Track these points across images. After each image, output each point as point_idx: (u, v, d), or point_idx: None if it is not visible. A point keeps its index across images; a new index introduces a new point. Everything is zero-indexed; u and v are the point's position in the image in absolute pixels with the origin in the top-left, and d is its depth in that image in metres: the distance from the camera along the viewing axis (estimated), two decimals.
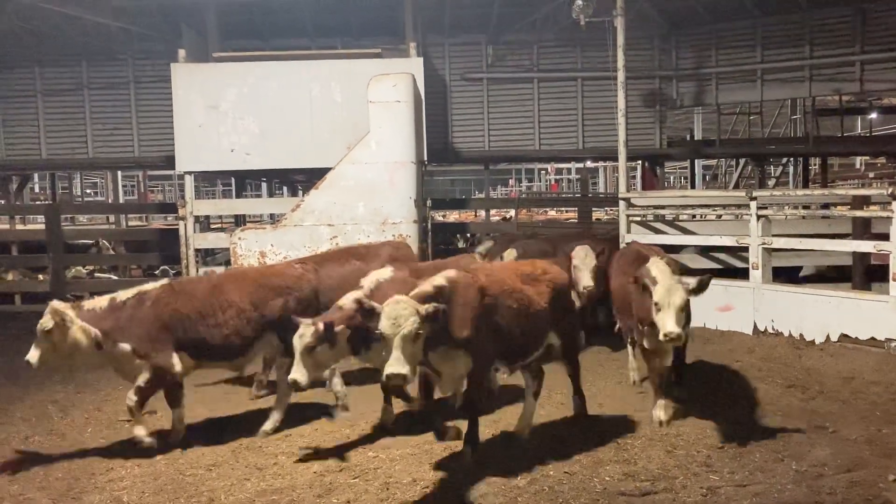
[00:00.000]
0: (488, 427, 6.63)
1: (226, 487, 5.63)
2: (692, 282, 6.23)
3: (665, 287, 6.15)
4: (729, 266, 11.79)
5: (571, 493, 5.36)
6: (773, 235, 10.20)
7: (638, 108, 15.71)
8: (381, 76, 11.06)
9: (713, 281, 10.54)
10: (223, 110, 11.84)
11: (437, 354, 5.49)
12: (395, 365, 5.03)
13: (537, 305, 6.21)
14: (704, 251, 12.11)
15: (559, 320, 6.54)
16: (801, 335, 9.54)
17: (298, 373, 5.92)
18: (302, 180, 20.84)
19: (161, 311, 6.52)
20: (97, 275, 15.74)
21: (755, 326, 10.05)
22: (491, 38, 15.92)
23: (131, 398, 6.40)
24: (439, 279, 5.63)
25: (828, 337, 9.26)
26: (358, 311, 5.70)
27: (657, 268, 6.46)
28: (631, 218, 11.70)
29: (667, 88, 16.16)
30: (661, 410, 6.78)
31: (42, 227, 16.01)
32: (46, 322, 6.17)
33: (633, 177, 23.88)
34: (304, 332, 5.99)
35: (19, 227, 18.08)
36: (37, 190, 30.20)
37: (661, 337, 6.05)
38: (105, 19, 14.34)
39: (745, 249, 10.38)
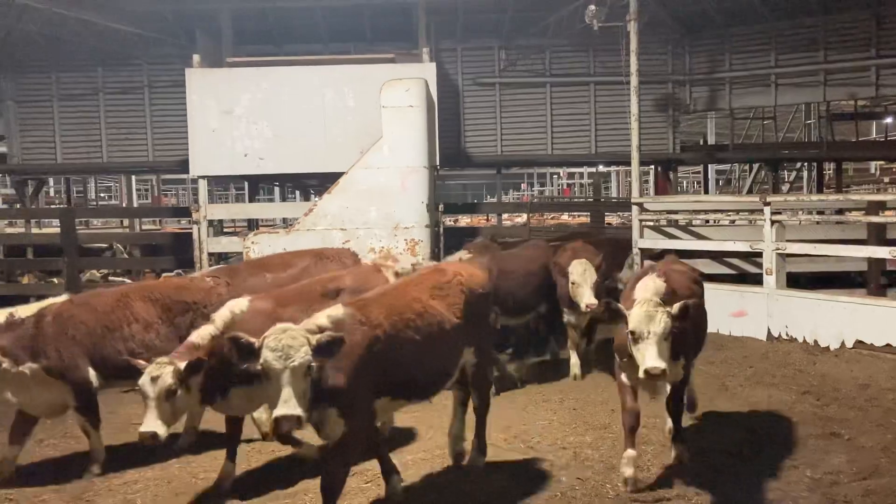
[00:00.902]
0: (501, 432, 6.63)
1: (239, 491, 5.64)
2: (675, 308, 5.19)
3: (641, 313, 5.14)
4: (742, 271, 11.74)
5: (584, 498, 5.35)
6: (787, 241, 10.15)
7: (651, 112, 15.68)
8: (393, 81, 11.08)
9: (726, 286, 10.66)
10: (237, 115, 11.89)
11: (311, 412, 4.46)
12: (287, 406, 4.19)
13: (449, 322, 5.28)
14: (717, 256, 12.06)
15: (473, 333, 5.58)
16: (815, 341, 9.48)
17: (155, 424, 4.94)
18: (314, 185, 20.91)
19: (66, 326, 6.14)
20: (111, 278, 15.84)
21: (769, 332, 9.99)
22: (503, 42, 15.94)
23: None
24: (321, 319, 4.57)
25: (843, 343, 9.20)
26: (230, 348, 4.59)
27: (643, 287, 5.48)
28: (644, 223, 11.66)
29: (680, 93, 16.13)
30: (626, 465, 5.53)
31: (57, 230, 16.15)
32: None
33: (646, 181, 23.82)
34: (161, 373, 5.00)
35: (35, 230, 18.25)
36: (52, 193, 30.42)
37: (640, 374, 5.10)
38: (120, 24, 14.45)
39: (759, 255, 10.33)
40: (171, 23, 14.86)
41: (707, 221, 14.64)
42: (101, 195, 33.13)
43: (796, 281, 11.02)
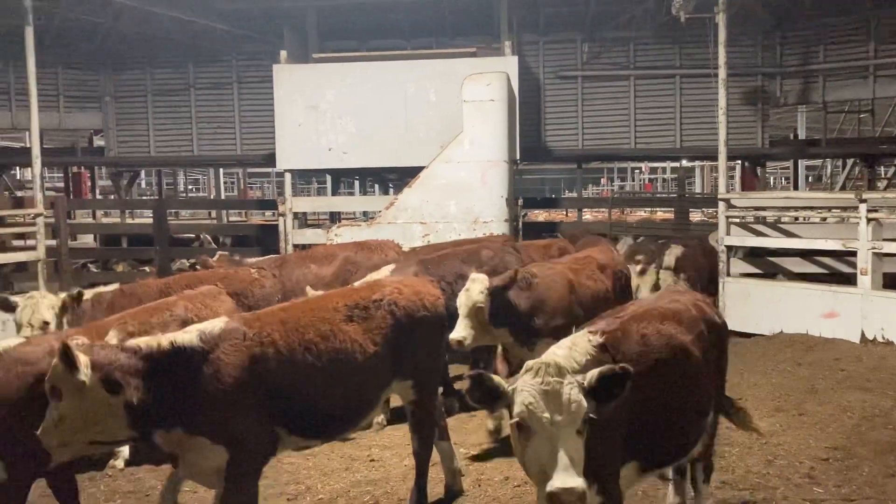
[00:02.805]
0: None
1: (322, 477, 5.78)
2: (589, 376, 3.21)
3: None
4: (834, 271, 11.29)
5: (665, 497, 5.26)
6: (884, 240, 9.71)
7: (739, 106, 15.22)
8: (475, 75, 11.11)
9: (817, 286, 10.26)
10: (322, 110, 12.14)
11: (169, 437, 3.90)
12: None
13: (365, 351, 4.51)
14: (807, 255, 11.63)
15: (408, 364, 4.82)
16: None
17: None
18: (393, 179, 21.13)
19: None
20: (199, 267, 16.36)
21: (863, 334, 9.57)
22: (587, 35, 15.74)
23: None
24: (187, 336, 4.01)
25: None
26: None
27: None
28: (730, 219, 11.35)
29: (770, 86, 15.59)
30: None
31: (149, 220, 16.81)
32: None
33: (731, 177, 23.13)
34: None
35: (128, 220, 19.06)
36: (143, 185, 31.66)
37: None
38: (212, 22, 14.92)
39: (852, 254, 9.92)
40: (260, 20, 15.26)
41: (796, 219, 14.13)
42: (190, 187, 34.33)
43: (894, 281, 10.53)
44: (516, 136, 12.58)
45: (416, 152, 11.76)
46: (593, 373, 3.16)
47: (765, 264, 11.56)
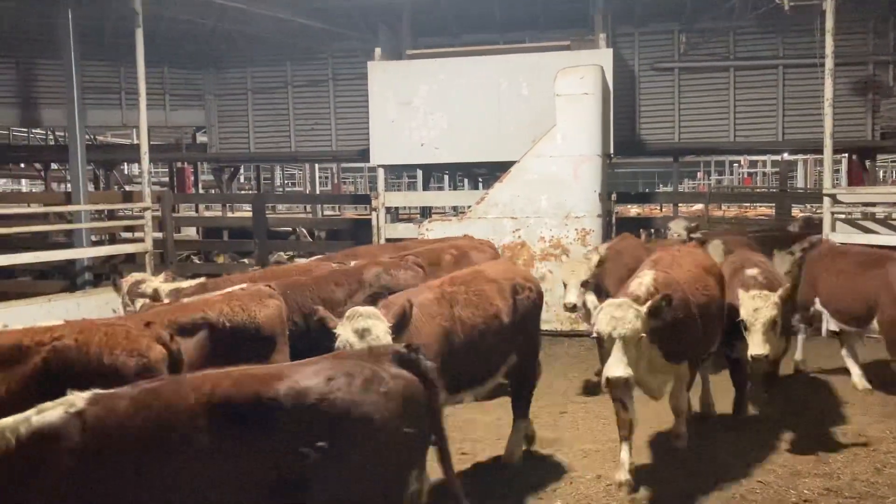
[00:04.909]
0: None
1: None
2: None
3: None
4: None
5: (765, 503, 5.10)
6: None
7: (847, 96, 14.50)
8: (568, 69, 10.99)
9: None
10: (415, 106, 12.26)
11: None
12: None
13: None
14: None
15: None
16: None
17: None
18: (483, 173, 21.16)
19: None
20: (296, 260, 16.85)
21: None
22: (684, 26, 15.32)
23: None
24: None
25: None
26: None
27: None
28: (836, 216, 10.84)
29: (882, 75, 14.77)
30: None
31: (247, 214, 17.41)
32: None
33: (836, 171, 22.08)
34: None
35: (228, 214, 19.78)
36: (241, 180, 32.77)
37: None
38: (309, 20, 15.29)
39: None
40: (355, 18, 15.52)
41: None
42: (286, 182, 35.33)
43: None
44: (610, 129, 12.38)
45: (507, 147, 11.74)
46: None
47: None
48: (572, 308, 7.49)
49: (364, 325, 4.48)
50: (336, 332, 4.54)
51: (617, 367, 4.83)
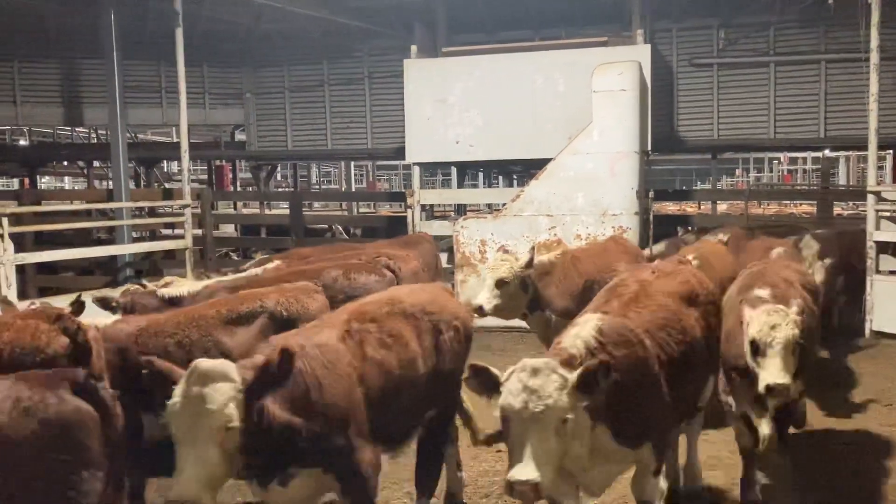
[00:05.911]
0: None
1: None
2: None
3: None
4: None
5: None
6: None
7: (892, 91, 14.16)
8: (605, 65, 10.91)
9: None
10: (450, 103, 12.27)
11: None
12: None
13: None
14: None
15: None
16: None
17: None
18: (518, 171, 21.11)
19: None
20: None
21: None
22: (723, 21, 15.11)
23: None
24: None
25: None
26: None
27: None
28: (880, 214, 10.62)
29: None
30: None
31: (283, 212, 17.58)
32: None
33: (880, 167, 21.64)
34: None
35: (266, 212, 20.00)
36: (278, 178, 33.12)
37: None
38: (345, 19, 15.39)
39: None
40: (391, 16, 15.58)
41: None
42: (322, 180, 35.62)
43: None
44: (647, 126, 12.26)
45: (543, 144, 11.68)
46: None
47: None
48: (478, 310, 6.48)
49: (198, 392, 3.31)
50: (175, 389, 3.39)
51: (526, 466, 3.29)
